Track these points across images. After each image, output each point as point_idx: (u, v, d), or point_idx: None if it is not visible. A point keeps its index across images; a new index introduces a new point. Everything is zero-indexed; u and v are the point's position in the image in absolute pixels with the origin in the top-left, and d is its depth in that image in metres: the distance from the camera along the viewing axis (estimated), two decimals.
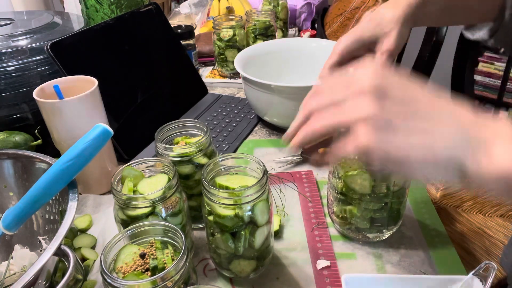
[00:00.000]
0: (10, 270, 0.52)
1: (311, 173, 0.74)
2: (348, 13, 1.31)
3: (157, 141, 0.56)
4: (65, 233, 0.44)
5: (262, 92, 0.79)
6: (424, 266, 0.55)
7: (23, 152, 0.58)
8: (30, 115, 0.76)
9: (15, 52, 0.72)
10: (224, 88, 1.10)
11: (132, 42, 0.86)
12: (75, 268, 0.44)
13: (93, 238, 0.60)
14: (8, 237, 0.58)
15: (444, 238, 0.60)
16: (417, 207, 0.65)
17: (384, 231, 0.58)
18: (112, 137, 0.51)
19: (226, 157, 0.52)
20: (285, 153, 0.79)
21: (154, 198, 0.48)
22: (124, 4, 1.01)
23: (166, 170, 0.52)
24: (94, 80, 0.65)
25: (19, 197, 0.57)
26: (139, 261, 0.43)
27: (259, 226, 0.49)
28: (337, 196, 0.57)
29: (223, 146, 0.82)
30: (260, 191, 0.47)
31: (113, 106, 0.76)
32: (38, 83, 0.66)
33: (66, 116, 0.61)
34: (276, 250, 0.58)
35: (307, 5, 1.49)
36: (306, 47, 0.95)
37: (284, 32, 1.32)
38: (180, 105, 0.94)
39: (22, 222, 0.50)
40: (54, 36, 0.77)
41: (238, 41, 1.10)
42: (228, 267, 0.52)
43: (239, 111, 0.95)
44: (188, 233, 0.54)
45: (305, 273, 0.55)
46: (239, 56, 0.88)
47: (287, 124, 0.85)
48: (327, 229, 0.62)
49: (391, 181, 0.52)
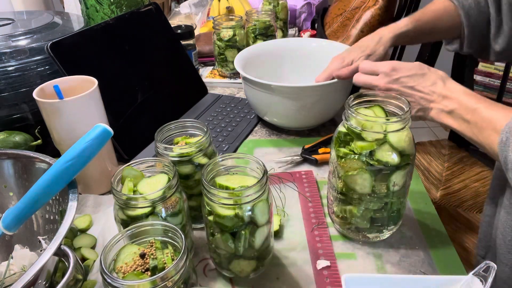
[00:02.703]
0: (10, 270, 0.52)
1: (311, 173, 0.74)
2: (348, 13, 1.31)
3: (157, 141, 0.56)
4: (65, 233, 0.44)
5: (262, 92, 0.79)
6: (424, 266, 0.55)
7: (23, 152, 0.58)
8: (30, 115, 0.76)
9: (15, 52, 0.72)
10: (224, 88, 1.10)
11: (132, 42, 0.86)
12: (75, 268, 0.44)
13: (93, 238, 0.60)
14: (8, 237, 0.58)
15: (444, 238, 0.60)
16: (417, 207, 0.65)
17: (384, 231, 0.58)
18: (112, 137, 0.51)
19: (226, 157, 0.52)
20: (285, 153, 0.79)
21: (154, 198, 0.48)
22: (124, 4, 1.01)
23: (166, 170, 0.52)
24: (94, 80, 0.65)
25: (19, 197, 0.57)
26: (139, 261, 0.43)
27: (259, 226, 0.49)
28: (337, 196, 0.57)
29: (223, 146, 0.82)
30: (260, 191, 0.47)
31: (113, 106, 0.76)
32: (38, 83, 0.66)
33: (66, 116, 0.61)
34: (276, 250, 0.58)
35: (307, 5, 1.49)
36: (306, 47, 0.95)
37: (284, 32, 1.32)
38: (180, 105, 0.94)
39: (22, 222, 0.50)
40: (54, 36, 0.77)
41: (238, 41, 1.10)
42: (228, 267, 0.52)
43: (239, 111, 0.95)
44: (188, 233, 0.54)
45: (305, 273, 0.55)
46: (239, 56, 0.88)
47: (287, 124, 0.86)
48: (327, 229, 0.62)
49: (391, 181, 0.52)
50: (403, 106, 0.53)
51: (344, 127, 0.54)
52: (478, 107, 0.53)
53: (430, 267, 0.55)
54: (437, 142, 1.19)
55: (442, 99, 0.57)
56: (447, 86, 0.58)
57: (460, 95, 0.55)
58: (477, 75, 2.14)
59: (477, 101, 0.54)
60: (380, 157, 0.51)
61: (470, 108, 0.54)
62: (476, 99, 0.54)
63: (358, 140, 0.52)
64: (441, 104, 0.57)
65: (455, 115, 0.55)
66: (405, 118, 0.50)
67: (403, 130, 0.51)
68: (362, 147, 0.51)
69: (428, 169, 1.06)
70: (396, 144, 0.51)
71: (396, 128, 0.50)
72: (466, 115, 0.54)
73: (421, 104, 0.59)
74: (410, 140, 0.52)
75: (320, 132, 0.87)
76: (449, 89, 0.57)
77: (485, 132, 0.51)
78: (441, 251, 0.57)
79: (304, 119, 0.83)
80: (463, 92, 0.56)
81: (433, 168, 1.06)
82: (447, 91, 0.57)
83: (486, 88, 2.14)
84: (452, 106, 0.56)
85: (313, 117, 0.83)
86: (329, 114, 0.84)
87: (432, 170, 1.05)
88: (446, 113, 0.57)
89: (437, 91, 0.58)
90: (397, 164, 0.51)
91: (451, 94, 0.56)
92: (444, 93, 0.57)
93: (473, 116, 0.53)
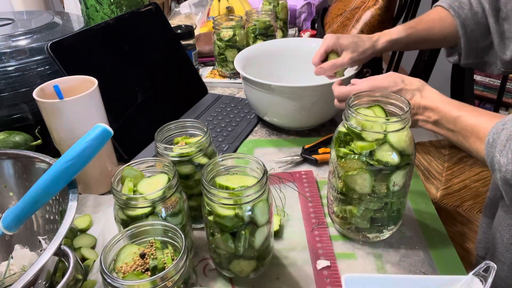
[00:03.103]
0: (10, 270, 0.52)
1: (311, 173, 0.74)
2: (348, 13, 1.31)
3: (157, 141, 0.56)
4: (65, 233, 0.44)
5: (262, 92, 0.79)
6: (424, 266, 0.55)
7: (23, 152, 0.58)
8: (30, 115, 0.76)
9: (15, 52, 0.72)
10: (224, 88, 1.10)
11: (132, 42, 0.86)
12: (75, 268, 0.44)
13: (93, 238, 0.60)
14: (8, 237, 0.58)
15: (444, 238, 0.60)
16: (417, 207, 0.65)
17: (384, 231, 0.58)
18: (112, 137, 0.51)
19: (226, 157, 0.52)
20: (285, 153, 0.79)
21: (154, 198, 0.48)
22: (124, 4, 1.01)
23: (166, 170, 0.52)
24: (94, 80, 0.65)
25: (19, 197, 0.57)
26: (139, 261, 0.43)
27: (259, 226, 0.49)
28: (337, 196, 0.57)
29: (223, 146, 0.82)
30: (260, 191, 0.47)
31: (113, 106, 0.76)
32: (38, 83, 0.66)
33: (66, 116, 0.61)
34: (276, 250, 0.58)
35: (307, 5, 1.49)
36: (306, 47, 0.95)
37: (284, 32, 1.32)
38: (180, 105, 0.94)
39: (22, 222, 0.50)
40: (54, 36, 0.77)
41: (238, 41, 1.10)
42: (228, 267, 0.52)
43: (239, 111, 0.95)
44: (188, 233, 0.54)
45: (305, 273, 0.55)
46: (239, 56, 0.88)
47: (287, 124, 0.86)
48: (327, 229, 0.62)
49: (391, 181, 0.52)
50: (403, 106, 0.53)
51: (344, 127, 0.54)
52: (460, 115, 0.53)
53: (430, 267, 0.55)
54: (437, 142, 1.19)
55: (423, 111, 0.58)
56: (424, 96, 0.58)
57: (439, 104, 0.56)
58: (477, 75, 2.15)
59: (458, 108, 0.54)
60: (380, 157, 0.51)
61: (451, 117, 0.54)
62: (456, 107, 0.55)
63: (358, 140, 0.52)
64: (424, 116, 0.58)
65: (440, 125, 0.56)
66: (405, 118, 0.50)
67: (403, 130, 0.51)
68: (362, 147, 0.51)
69: (428, 169, 1.06)
70: (396, 144, 0.51)
71: (396, 128, 0.50)
72: (448, 124, 0.55)
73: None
74: (410, 140, 0.52)
75: (320, 132, 0.87)
76: (427, 98, 0.57)
77: (469, 139, 0.52)
78: (441, 251, 0.57)
79: (304, 119, 0.83)
80: (441, 100, 0.56)
81: (433, 168, 1.06)
82: (426, 101, 0.57)
83: (486, 88, 2.14)
84: (435, 117, 0.56)
85: (313, 117, 0.83)
86: (329, 114, 0.84)
87: (432, 170, 1.05)
88: (431, 123, 0.57)
89: (416, 103, 0.58)
90: (397, 164, 0.51)
91: (431, 104, 0.57)
92: (423, 103, 0.57)
93: (455, 126, 0.54)
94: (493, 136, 0.47)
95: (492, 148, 0.47)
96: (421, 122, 0.59)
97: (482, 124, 0.51)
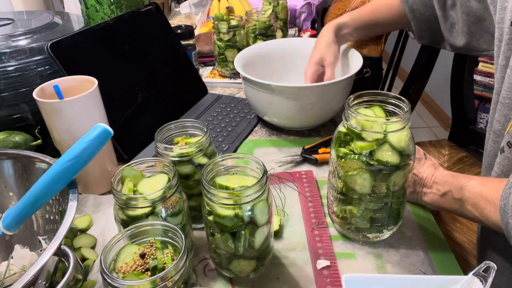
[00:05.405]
0: (10, 270, 0.52)
1: (311, 173, 0.74)
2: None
3: (157, 141, 0.56)
4: (65, 233, 0.44)
5: (262, 92, 0.79)
6: (424, 266, 0.55)
7: (23, 152, 0.58)
8: (30, 115, 0.76)
9: (15, 52, 0.72)
10: (224, 88, 1.10)
11: (132, 42, 0.86)
12: (75, 268, 0.44)
13: (93, 238, 0.60)
14: (8, 237, 0.58)
15: (444, 238, 0.60)
16: (417, 207, 0.65)
17: (384, 231, 0.58)
18: (112, 137, 0.51)
19: (226, 157, 0.52)
20: (285, 153, 0.79)
21: (154, 198, 0.48)
22: (124, 4, 1.01)
23: (166, 170, 0.52)
24: (94, 80, 0.65)
25: (19, 197, 0.57)
26: (139, 261, 0.43)
27: (259, 226, 0.49)
28: (337, 196, 0.57)
29: (223, 146, 0.82)
30: (260, 191, 0.47)
31: (113, 106, 0.76)
32: (38, 83, 0.66)
33: (66, 116, 0.61)
34: (276, 250, 0.58)
35: (307, 5, 1.49)
36: (306, 47, 0.95)
37: (284, 32, 1.31)
38: (180, 105, 0.94)
39: (22, 222, 0.50)
40: (54, 36, 0.77)
41: (238, 41, 1.10)
42: (228, 267, 0.52)
43: (239, 111, 0.95)
44: (188, 233, 0.54)
45: (305, 273, 0.55)
46: (239, 56, 0.88)
47: (287, 124, 0.86)
48: (327, 229, 0.62)
49: (391, 181, 0.52)
50: (403, 106, 0.53)
51: (344, 127, 0.54)
52: (469, 184, 0.55)
53: (430, 267, 0.55)
54: (437, 142, 1.19)
55: (433, 184, 0.60)
56: (436, 174, 0.60)
57: (449, 178, 0.58)
58: (477, 75, 2.14)
59: (467, 180, 0.56)
60: (380, 157, 0.51)
61: (460, 186, 0.56)
62: (465, 178, 0.56)
63: (358, 140, 0.52)
64: (433, 189, 0.60)
65: (448, 197, 0.58)
66: (405, 118, 0.50)
67: (403, 130, 0.51)
68: (362, 147, 0.51)
69: None
70: (396, 144, 0.51)
71: (396, 128, 0.50)
72: (457, 195, 0.56)
73: (414, 187, 0.62)
74: (410, 140, 0.52)
75: (320, 132, 0.87)
76: (440, 174, 0.60)
77: (478, 205, 0.52)
78: (441, 251, 0.57)
79: (304, 119, 0.83)
80: (451, 175, 0.59)
81: None
82: (437, 177, 0.60)
83: (486, 88, 2.14)
84: (444, 189, 0.58)
85: (313, 117, 0.83)
86: (329, 114, 0.84)
87: None
88: (439, 196, 0.59)
89: (429, 176, 0.60)
90: (397, 164, 0.51)
91: (441, 179, 0.59)
92: (434, 178, 0.60)
93: (464, 195, 0.55)
94: (504, 201, 0.47)
95: (505, 214, 0.47)
96: (428, 196, 0.61)
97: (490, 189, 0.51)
